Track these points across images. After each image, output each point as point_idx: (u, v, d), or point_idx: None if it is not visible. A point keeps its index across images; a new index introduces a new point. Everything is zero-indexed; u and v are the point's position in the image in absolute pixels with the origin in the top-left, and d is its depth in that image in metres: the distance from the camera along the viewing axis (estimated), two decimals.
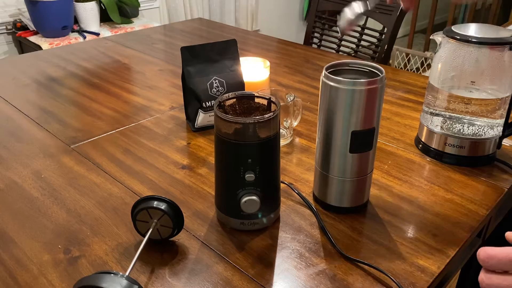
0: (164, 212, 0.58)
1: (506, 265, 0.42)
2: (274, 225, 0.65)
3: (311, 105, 1.03)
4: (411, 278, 0.56)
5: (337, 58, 1.41)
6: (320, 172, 0.67)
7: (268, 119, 0.57)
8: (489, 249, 0.43)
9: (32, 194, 0.72)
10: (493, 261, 0.43)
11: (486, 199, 0.70)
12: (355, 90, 0.58)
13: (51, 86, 1.14)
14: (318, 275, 0.57)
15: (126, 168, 0.79)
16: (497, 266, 0.43)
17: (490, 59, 0.73)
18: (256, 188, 0.60)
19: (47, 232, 0.64)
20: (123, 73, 1.24)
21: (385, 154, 0.83)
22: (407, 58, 2.72)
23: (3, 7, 2.19)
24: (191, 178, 0.76)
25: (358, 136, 0.61)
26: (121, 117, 0.98)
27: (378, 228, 0.65)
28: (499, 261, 0.42)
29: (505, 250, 0.42)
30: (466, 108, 0.75)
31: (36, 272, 0.57)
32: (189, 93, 0.90)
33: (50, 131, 0.92)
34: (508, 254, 0.42)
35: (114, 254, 0.60)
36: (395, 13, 1.47)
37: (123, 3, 2.33)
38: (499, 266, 0.43)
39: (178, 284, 0.56)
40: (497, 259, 0.42)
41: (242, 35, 1.57)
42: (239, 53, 0.92)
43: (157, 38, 1.57)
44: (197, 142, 0.87)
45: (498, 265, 0.43)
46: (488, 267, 0.44)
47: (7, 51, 2.26)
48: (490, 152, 0.79)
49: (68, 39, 2.13)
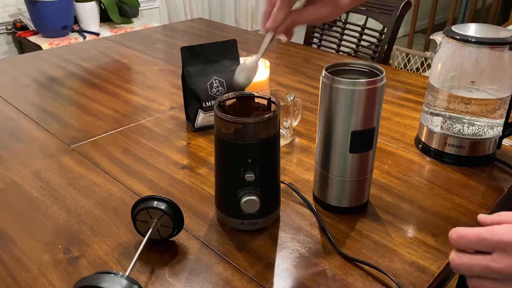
0: (164, 212, 0.58)
1: (476, 245, 0.43)
2: (274, 225, 0.65)
3: (311, 105, 1.03)
4: (411, 278, 0.56)
5: (337, 58, 1.41)
6: (320, 172, 0.67)
7: (268, 119, 0.57)
8: (461, 229, 0.44)
9: (32, 194, 0.72)
10: (464, 241, 0.44)
11: (486, 199, 0.70)
12: (355, 90, 0.58)
13: (51, 86, 1.14)
14: (318, 275, 0.57)
15: (126, 168, 0.79)
16: (467, 245, 0.44)
17: (490, 59, 0.73)
18: (256, 188, 0.60)
19: (47, 232, 0.64)
20: (123, 73, 1.24)
21: (385, 154, 0.83)
22: (407, 58, 2.72)
23: (3, 7, 2.19)
24: (191, 178, 0.76)
25: (358, 136, 0.61)
26: (121, 117, 0.98)
27: (378, 228, 0.65)
28: (470, 241, 0.43)
29: (476, 230, 0.43)
30: (466, 108, 0.75)
31: (36, 272, 0.57)
32: (189, 93, 0.90)
33: (50, 131, 0.92)
34: (478, 234, 0.43)
35: (114, 254, 0.60)
36: (395, 13, 1.47)
37: (123, 3, 2.33)
38: (469, 245, 0.44)
39: (178, 284, 0.56)
40: (468, 239, 0.43)
41: (242, 35, 1.57)
42: (239, 53, 0.92)
43: (157, 38, 1.57)
44: (197, 142, 0.87)
45: (469, 244, 0.44)
46: (459, 246, 0.44)
47: (7, 51, 2.26)
48: (490, 152, 0.79)
49: (68, 39, 2.13)
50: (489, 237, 0.42)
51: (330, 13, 0.56)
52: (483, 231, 0.43)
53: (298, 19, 0.57)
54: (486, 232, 0.43)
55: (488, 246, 0.42)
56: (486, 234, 0.42)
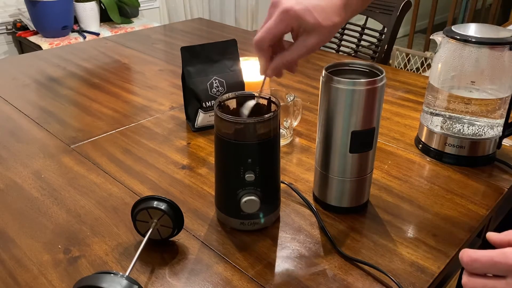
0: (164, 212, 0.58)
1: (489, 269, 0.42)
2: (274, 225, 0.65)
3: (311, 105, 1.03)
4: (411, 278, 0.56)
5: (337, 58, 1.41)
6: (320, 172, 0.67)
7: (268, 119, 0.57)
8: (472, 252, 0.43)
9: (32, 194, 0.72)
10: (477, 264, 0.42)
11: (486, 199, 0.70)
12: (355, 90, 0.58)
13: (51, 86, 1.14)
14: (318, 275, 0.57)
15: (126, 168, 0.79)
16: (480, 269, 0.43)
17: (490, 59, 0.73)
18: (256, 188, 0.60)
19: (47, 232, 0.64)
20: (123, 73, 1.24)
21: (385, 154, 0.83)
22: (407, 58, 2.72)
23: (3, 7, 2.19)
24: (191, 178, 0.76)
25: (358, 136, 0.61)
26: (121, 117, 0.98)
27: (378, 228, 0.64)
28: (483, 264, 0.42)
29: (488, 253, 0.42)
30: (466, 108, 0.75)
31: (36, 272, 0.57)
32: (189, 93, 0.90)
33: (50, 131, 0.92)
34: (491, 257, 0.42)
35: (114, 254, 0.60)
36: (395, 13, 1.47)
37: (123, 3, 2.33)
38: (482, 269, 0.42)
39: (178, 284, 0.56)
40: (480, 262, 0.42)
41: (242, 35, 1.57)
42: (239, 53, 0.92)
43: (157, 38, 1.57)
44: (197, 142, 0.87)
45: (482, 268, 0.42)
46: (471, 270, 0.43)
47: (7, 51, 2.26)
48: (490, 152, 0.79)
49: (68, 39, 2.13)
50: (502, 261, 0.41)
51: (318, 40, 0.55)
52: (496, 254, 0.41)
53: (291, 56, 0.56)
54: (499, 256, 0.41)
55: (502, 270, 0.41)
56: (499, 258, 0.41)
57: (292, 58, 0.57)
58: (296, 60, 0.57)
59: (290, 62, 0.58)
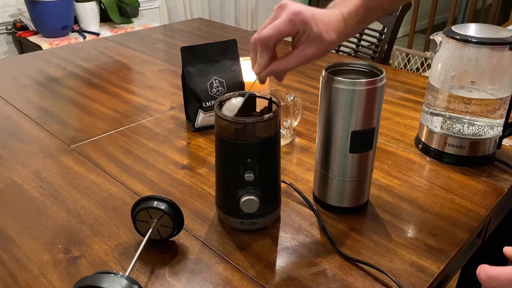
0: (164, 212, 0.58)
1: (508, 286, 0.42)
2: (274, 225, 0.65)
3: (311, 105, 1.03)
4: (411, 278, 0.56)
5: (337, 58, 1.41)
6: (320, 172, 0.67)
7: (268, 119, 0.57)
8: (490, 269, 0.43)
9: (32, 194, 0.72)
10: (495, 282, 0.42)
11: (486, 199, 0.70)
12: (355, 90, 0.58)
13: (51, 86, 1.14)
14: (318, 275, 0.57)
15: (126, 168, 0.79)
16: (498, 286, 0.42)
17: (490, 59, 0.73)
18: (255, 188, 0.60)
19: (47, 232, 0.64)
20: (123, 73, 1.24)
21: (385, 154, 0.83)
22: (407, 58, 2.72)
23: (3, 7, 2.19)
24: (191, 178, 0.76)
25: (358, 136, 0.61)
26: (121, 117, 0.98)
27: (378, 228, 0.64)
28: (501, 282, 0.42)
29: (506, 270, 0.42)
30: (466, 108, 0.75)
31: (36, 272, 0.57)
32: (189, 93, 0.90)
33: (50, 131, 0.92)
34: (509, 274, 0.41)
35: (114, 254, 0.60)
36: (395, 13, 1.47)
37: (123, 3, 2.33)
38: (500, 286, 0.42)
39: (178, 284, 0.56)
40: (499, 280, 0.42)
41: (242, 35, 1.57)
42: (239, 53, 0.92)
43: (157, 38, 1.57)
44: (197, 142, 0.87)
45: (500, 285, 0.42)
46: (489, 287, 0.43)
47: (7, 51, 2.26)
48: (490, 152, 0.79)
49: (68, 39, 2.13)
50: None
51: (316, 51, 0.56)
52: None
53: (288, 64, 0.57)
54: None
55: None
56: None
57: (289, 66, 0.57)
58: (292, 68, 0.58)
59: (286, 70, 0.58)
